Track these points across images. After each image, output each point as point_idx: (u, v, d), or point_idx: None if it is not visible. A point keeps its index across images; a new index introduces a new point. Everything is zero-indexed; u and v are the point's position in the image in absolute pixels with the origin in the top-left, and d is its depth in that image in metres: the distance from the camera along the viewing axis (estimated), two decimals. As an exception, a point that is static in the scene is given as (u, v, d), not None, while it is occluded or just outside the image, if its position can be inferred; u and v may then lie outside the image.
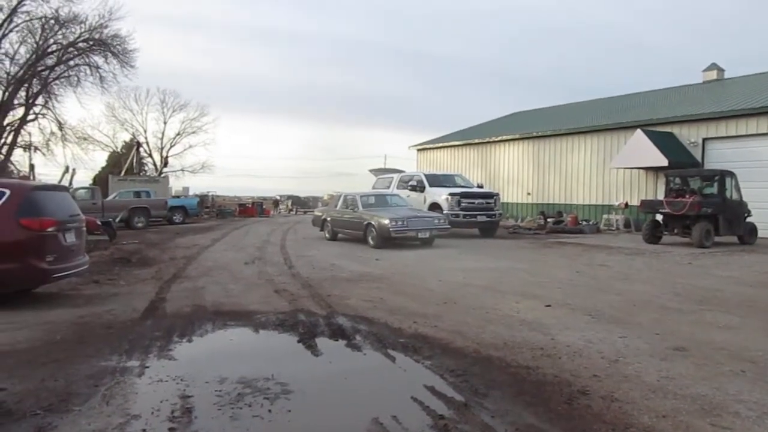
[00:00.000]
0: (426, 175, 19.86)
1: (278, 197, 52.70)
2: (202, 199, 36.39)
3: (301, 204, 45.14)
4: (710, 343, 5.65)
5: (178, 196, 35.28)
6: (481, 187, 21.24)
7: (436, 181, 19.46)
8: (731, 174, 16.27)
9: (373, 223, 14.55)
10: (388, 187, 20.68)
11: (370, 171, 27.33)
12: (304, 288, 8.71)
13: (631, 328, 6.19)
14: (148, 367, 4.83)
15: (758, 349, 5.45)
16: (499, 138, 29.37)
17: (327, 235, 17.14)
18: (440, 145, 33.77)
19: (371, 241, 14.61)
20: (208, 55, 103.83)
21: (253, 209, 36.05)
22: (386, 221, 14.16)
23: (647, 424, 3.66)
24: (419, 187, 18.90)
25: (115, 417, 3.74)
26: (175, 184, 47.44)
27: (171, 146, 54.09)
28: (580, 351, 5.31)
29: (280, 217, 36.60)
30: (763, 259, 13.01)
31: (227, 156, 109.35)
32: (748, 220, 16.56)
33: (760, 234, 16.92)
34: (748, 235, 16.40)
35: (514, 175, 28.45)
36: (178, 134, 53.86)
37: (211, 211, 35.12)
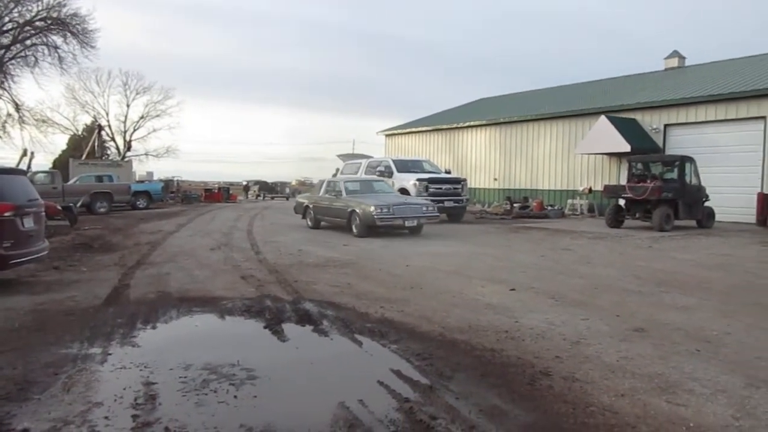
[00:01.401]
0: (394, 161, 19.87)
1: (246, 182, 52.11)
2: (167, 184, 35.74)
3: (268, 189, 44.69)
4: (668, 323, 5.82)
5: (142, 181, 34.56)
6: (449, 172, 21.36)
7: (405, 166, 19.50)
8: (691, 159, 16.71)
9: (357, 210, 13.69)
10: (356, 173, 20.61)
11: (338, 156, 27.16)
12: (270, 274, 8.66)
13: (592, 311, 6.34)
14: (110, 354, 4.75)
15: (713, 328, 5.65)
16: (467, 124, 29.54)
17: (309, 223, 16.15)
18: (408, 130, 33.82)
19: (355, 230, 13.80)
20: (171, 37, 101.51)
21: (219, 195, 35.61)
22: (371, 208, 13.28)
23: (606, 403, 3.76)
24: (387, 173, 18.89)
25: (77, 405, 3.68)
26: (139, 169, 46.48)
27: (134, 130, 52.79)
28: (543, 333, 5.42)
29: (247, 202, 36.21)
30: (720, 242, 13.43)
31: (193, 140, 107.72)
32: (706, 204, 17.07)
33: (717, 218, 17.47)
34: (706, 219, 16.91)
35: (482, 160, 28.69)
36: (142, 117, 52.56)
37: (177, 196, 34.54)
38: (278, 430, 3.37)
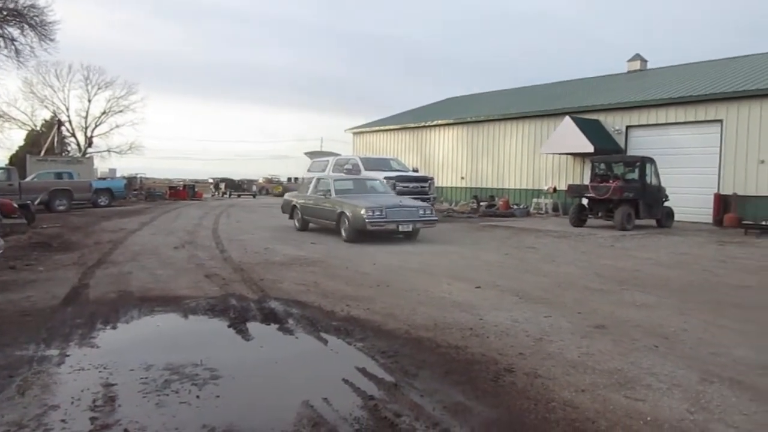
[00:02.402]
0: (362, 159, 19.86)
1: (211, 180, 51.36)
2: (130, 181, 35.03)
3: (235, 187, 44.11)
4: (628, 320, 5.96)
5: (103, 178, 33.78)
6: (417, 171, 21.44)
7: (372, 164, 19.48)
8: (651, 160, 17.13)
9: (346, 212, 12.38)
10: (324, 170, 20.52)
11: (306, 154, 26.93)
12: (236, 272, 8.57)
13: (555, 308, 6.45)
14: (68, 355, 4.64)
15: (671, 325, 5.80)
16: (434, 123, 29.70)
17: (297, 224, 14.93)
18: (376, 128, 33.83)
19: (344, 234, 12.52)
20: (135, 31, 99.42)
21: (184, 192, 35.00)
22: (362, 211, 11.92)
23: (567, 398, 3.83)
24: (355, 171, 18.85)
25: (32, 408, 3.58)
26: (101, 166, 45.49)
27: (96, 125, 51.58)
28: (507, 330, 5.49)
29: (214, 200, 35.72)
30: (678, 241, 13.80)
31: (158, 137, 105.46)
32: (666, 204, 17.51)
33: (676, 217, 17.94)
34: (665, 218, 17.35)
35: (449, 159, 28.88)
36: (104, 113, 51.39)
37: (140, 193, 33.85)
38: (241, 429, 3.34)
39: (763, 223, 16.06)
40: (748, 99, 18.10)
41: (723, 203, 18.26)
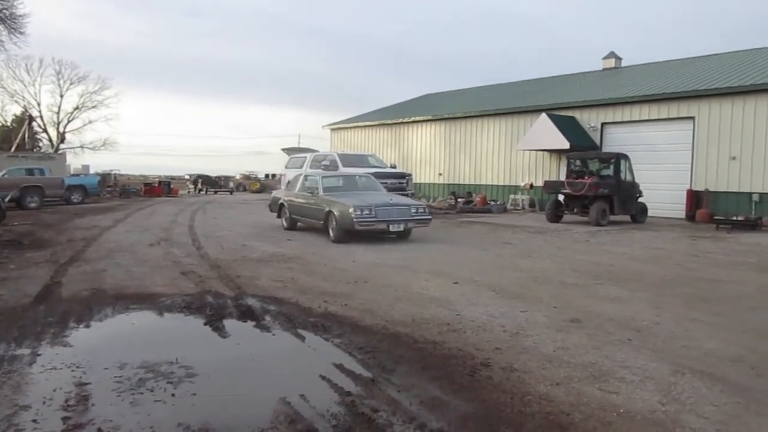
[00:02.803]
0: (339, 155, 19.79)
1: (187, 176, 50.77)
2: (104, 177, 34.42)
3: (211, 183, 43.66)
4: (602, 314, 6.05)
5: (77, 175, 33.16)
6: (394, 167, 21.44)
7: (350, 161, 19.43)
8: (625, 157, 17.38)
9: (334, 211, 11.68)
10: (301, 167, 20.43)
11: (283, 150, 26.74)
12: (212, 269, 8.49)
13: (531, 303, 6.51)
14: (40, 354, 4.55)
15: (643, 319, 5.90)
16: (412, 119, 29.73)
17: (284, 224, 14.15)
18: (354, 125, 33.76)
19: (332, 234, 11.82)
20: (108, 26, 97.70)
21: (159, 189, 34.57)
22: (350, 210, 11.25)
23: (543, 391, 3.87)
24: (332, 167, 18.80)
25: (2, 408, 3.51)
26: (74, 162, 44.62)
27: (69, 121, 50.73)
28: (484, 325, 5.53)
29: (189, 197, 35.34)
30: (652, 236, 14.03)
31: (133, 133, 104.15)
32: (640, 200, 17.79)
33: (649, 213, 18.24)
34: (639, 214, 17.62)
35: (427, 155, 28.95)
36: (77, 108, 50.54)
37: (114, 190, 33.34)
38: (217, 427, 3.31)
39: (734, 218, 16.41)
40: (719, 97, 18.44)
41: (695, 199, 18.61)
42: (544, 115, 21.75)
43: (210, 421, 3.38)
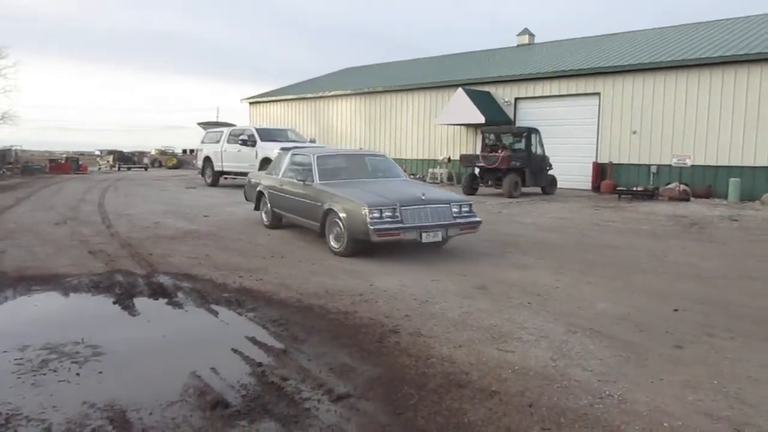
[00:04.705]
0: (258, 129, 19.43)
1: (98, 152, 48.19)
2: (4, 154, 32.16)
3: (124, 159, 41.67)
4: (507, 281, 6.40)
5: (-29, 151, 30.79)
6: (314, 141, 21.37)
7: (268, 135, 19.14)
8: (536, 131, 18.11)
9: (337, 210, 7.80)
10: (218, 142, 19.98)
11: (199, 124, 25.95)
12: (123, 248, 8.24)
13: (442, 272, 6.78)
14: (-69, 340, 4.33)
15: (545, 284, 6.30)
16: (332, 93, 29.54)
17: (265, 220, 10.43)
18: (273, 98, 33.15)
19: (333, 243, 7.96)
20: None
21: (66, 165, 32.68)
22: (362, 209, 7.36)
23: (446, 354, 4.11)
24: (250, 142, 18.48)
25: None
26: (-32, 137, 41.31)
27: (-40, 93, 46.67)
28: (396, 294, 5.73)
29: (101, 173, 33.67)
30: (560, 207, 14.79)
31: (37, 106, 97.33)
32: (550, 172, 18.63)
33: (559, 185, 19.17)
34: (549, 186, 18.47)
35: (347, 129, 28.92)
36: (-31, 79, 46.53)
37: (15, 167, 31.24)
38: (124, 403, 3.31)
39: (634, 188, 17.52)
40: (623, 74, 19.48)
41: (600, 171, 19.71)
42: (460, 90, 22.21)
43: (117, 397, 3.37)
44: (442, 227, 7.59)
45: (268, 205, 10.25)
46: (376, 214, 7.33)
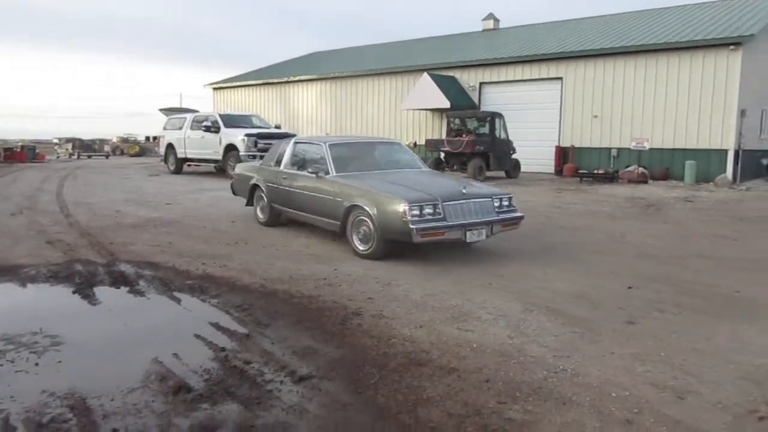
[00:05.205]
0: (221, 116, 19.15)
1: (56, 140, 46.83)
2: (-45, 142, 31.05)
3: (85, 147, 40.61)
4: (467, 262, 6.53)
5: None
6: (279, 127, 21.14)
7: (232, 121, 18.89)
8: (500, 116, 18.31)
9: (364, 207, 6.79)
10: (181, 128, 19.64)
11: (161, 110, 25.42)
12: (82, 237, 8.10)
13: (406, 256, 6.86)
14: None
15: (504, 264, 6.44)
16: (298, 78, 29.27)
17: (261, 216, 9.23)
18: (237, 84, 32.68)
19: (359, 245, 6.96)
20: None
21: (22, 154, 31.72)
22: (399, 206, 6.40)
23: (407, 334, 4.19)
24: (214, 128, 18.23)
25: None
26: None
27: None
28: (360, 278, 5.79)
29: (59, 162, 32.79)
30: (523, 190, 15.02)
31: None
32: (514, 156, 18.89)
33: (522, 168, 19.44)
34: (513, 169, 18.75)
35: (313, 115, 28.74)
36: None
37: (-33, 156, 30.19)
38: (85, 391, 3.30)
39: (595, 171, 17.90)
40: (584, 58, 19.78)
41: (563, 155, 20.05)
42: (426, 74, 22.26)
43: (78, 386, 3.36)
44: (486, 224, 6.70)
45: (265, 200, 9.03)
46: (416, 211, 6.35)
